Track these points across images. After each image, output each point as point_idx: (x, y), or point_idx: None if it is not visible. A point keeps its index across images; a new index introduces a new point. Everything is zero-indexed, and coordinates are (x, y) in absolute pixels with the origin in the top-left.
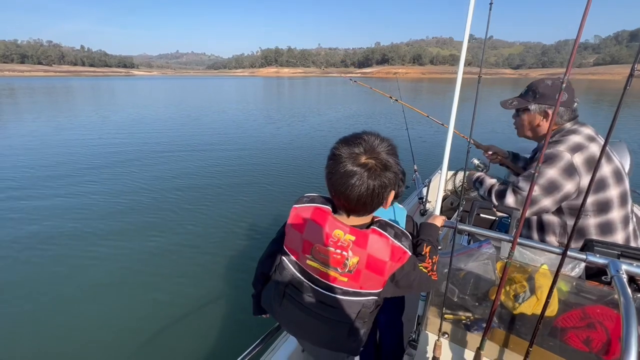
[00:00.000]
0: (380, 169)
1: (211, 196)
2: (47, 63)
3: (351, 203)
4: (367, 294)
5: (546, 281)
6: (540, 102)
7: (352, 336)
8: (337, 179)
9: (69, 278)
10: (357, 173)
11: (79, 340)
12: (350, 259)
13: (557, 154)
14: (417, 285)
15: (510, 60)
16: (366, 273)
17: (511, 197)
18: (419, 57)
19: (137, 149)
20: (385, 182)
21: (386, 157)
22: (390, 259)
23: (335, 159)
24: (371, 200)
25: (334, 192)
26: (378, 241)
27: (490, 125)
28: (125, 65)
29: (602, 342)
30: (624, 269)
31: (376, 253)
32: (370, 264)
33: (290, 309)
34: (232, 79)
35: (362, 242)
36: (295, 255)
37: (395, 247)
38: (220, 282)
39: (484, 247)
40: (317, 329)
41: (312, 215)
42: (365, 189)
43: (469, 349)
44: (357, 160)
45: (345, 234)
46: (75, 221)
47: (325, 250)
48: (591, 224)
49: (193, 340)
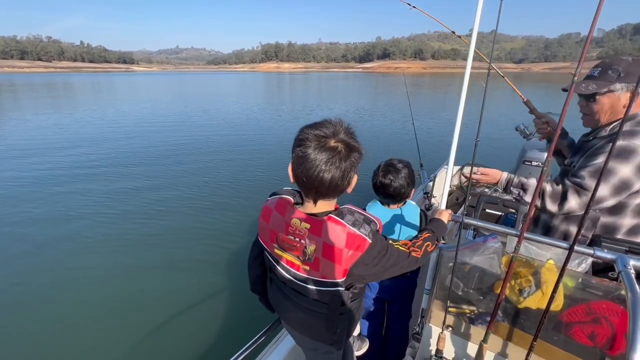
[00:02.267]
0: (348, 151)
1: (209, 191)
2: (46, 59)
3: (323, 186)
4: (330, 284)
5: (552, 276)
6: (627, 81)
7: (330, 328)
8: (309, 164)
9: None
10: (328, 156)
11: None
12: (309, 247)
13: (633, 148)
14: (391, 266)
15: (513, 54)
16: (324, 261)
17: (575, 199)
18: (420, 52)
19: (140, 147)
20: (353, 162)
21: (349, 139)
22: (346, 246)
23: (304, 144)
24: (342, 181)
25: (305, 178)
26: (334, 228)
27: (497, 120)
28: (125, 61)
29: (607, 337)
30: (632, 264)
31: (331, 241)
32: (326, 252)
33: (278, 298)
34: (233, 75)
35: (317, 230)
36: (267, 245)
37: (351, 235)
38: (219, 277)
39: (489, 242)
40: (297, 316)
41: (276, 206)
42: (336, 170)
43: (472, 342)
44: (327, 144)
45: (301, 223)
46: (68, 219)
47: (287, 239)
48: (624, 224)
49: (192, 335)
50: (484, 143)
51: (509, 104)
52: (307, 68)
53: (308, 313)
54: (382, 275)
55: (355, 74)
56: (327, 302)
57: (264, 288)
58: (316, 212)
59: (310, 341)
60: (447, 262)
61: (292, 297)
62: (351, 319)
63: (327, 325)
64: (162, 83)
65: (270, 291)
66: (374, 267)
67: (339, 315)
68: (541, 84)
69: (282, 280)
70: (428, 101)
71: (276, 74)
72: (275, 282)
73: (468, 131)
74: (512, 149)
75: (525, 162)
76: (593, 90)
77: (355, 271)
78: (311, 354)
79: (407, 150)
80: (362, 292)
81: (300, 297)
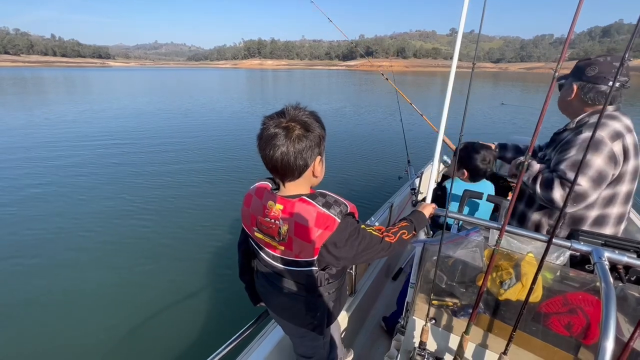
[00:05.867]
0: (300, 128)
1: (196, 189)
2: (14, 53)
3: (277, 164)
4: (305, 263)
5: (531, 268)
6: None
7: (310, 311)
8: (263, 143)
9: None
10: (278, 134)
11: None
12: (282, 227)
13: (600, 140)
14: (364, 250)
15: (491, 54)
16: (296, 240)
17: (559, 191)
18: (402, 50)
19: (126, 142)
20: (310, 143)
21: (306, 119)
22: (316, 225)
23: (262, 127)
24: (294, 159)
25: (263, 157)
26: (304, 208)
27: (477, 118)
28: (100, 56)
29: (582, 326)
30: (607, 256)
31: (301, 220)
32: (297, 231)
33: (264, 286)
34: (215, 71)
35: (290, 211)
36: (249, 230)
37: (321, 214)
38: (206, 273)
39: (472, 235)
40: (281, 301)
41: (256, 192)
42: (285, 147)
43: (454, 333)
44: (279, 124)
45: (276, 204)
46: (59, 217)
47: (264, 221)
48: (591, 215)
49: (178, 331)
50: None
51: (488, 103)
52: (291, 65)
53: (289, 297)
54: (355, 258)
55: (339, 71)
56: (304, 282)
57: (250, 277)
58: (288, 194)
59: (295, 328)
60: (431, 255)
61: (275, 280)
62: (330, 303)
63: (306, 308)
64: (140, 79)
65: (257, 281)
66: (345, 248)
67: (317, 297)
68: (517, 83)
69: (264, 264)
70: (414, 99)
71: (259, 71)
72: (261, 270)
73: (452, 127)
74: None
75: None
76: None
77: (326, 250)
78: (298, 342)
79: (395, 147)
80: (340, 275)
81: (280, 279)
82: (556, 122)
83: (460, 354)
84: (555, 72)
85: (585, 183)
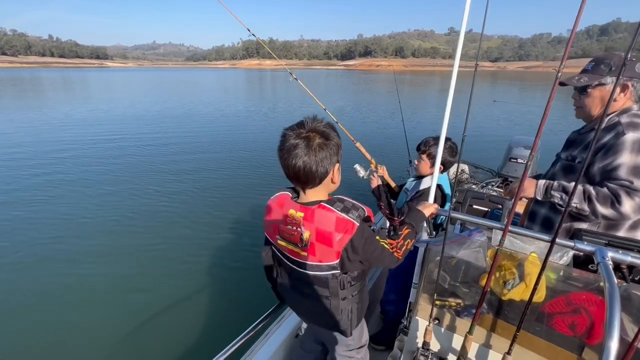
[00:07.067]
0: (319, 138)
1: (199, 192)
2: (12, 54)
3: (299, 172)
4: (327, 268)
5: (535, 268)
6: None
7: (335, 314)
8: (284, 154)
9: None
10: (299, 144)
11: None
12: (304, 234)
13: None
14: (376, 258)
15: (489, 53)
16: (319, 246)
17: (629, 202)
18: (401, 50)
19: (126, 142)
20: (330, 152)
21: (324, 129)
22: (336, 230)
23: (282, 138)
24: (316, 167)
25: (285, 167)
26: (324, 215)
27: (477, 117)
28: (98, 56)
29: (586, 326)
30: (610, 255)
31: (322, 226)
32: (319, 236)
33: (288, 292)
34: (213, 71)
35: (310, 217)
36: (272, 238)
37: (340, 219)
38: (210, 275)
39: (475, 235)
40: (307, 306)
41: (277, 201)
42: (307, 157)
43: (458, 334)
44: (299, 135)
45: (297, 212)
46: (60, 217)
47: (286, 229)
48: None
49: (185, 330)
50: (469, 140)
51: (486, 103)
52: (290, 65)
53: (314, 300)
54: (368, 261)
55: (337, 71)
56: (328, 286)
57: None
58: (308, 201)
59: (327, 332)
60: (434, 256)
61: (299, 286)
62: (354, 305)
63: (331, 311)
64: (141, 79)
65: (282, 289)
66: (361, 253)
67: (341, 300)
68: (515, 82)
69: (288, 272)
70: (415, 98)
71: (258, 71)
72: (284, 278)
73: (454, 127)
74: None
75: (512, 160)
76: (585, 83)
77: (346, 254)
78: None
79: (397, 147)
80: (361, 278)
81: (305, 285)
82: (556, 120)
83: (464, 354)
84: (558, 73)
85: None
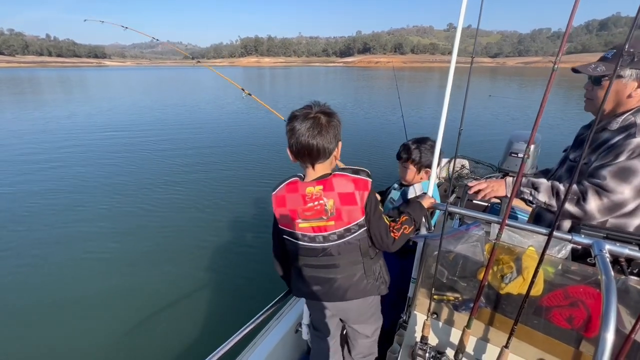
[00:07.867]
0: (327, 118)
1: (202, 187)
2: (9, 53)
3: (312, 149)
4: (357, 227)
5: (532, 262)
6: (637, 67)
7: (370, 275)
8: (298, 133)
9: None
10: (311, 124)
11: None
12: (328, 203)
13: None
14: (377, 220)
15: (488, 49)
16: (345, 208)
17: (595, 201)
18: (400, 46)
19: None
20: (334, 127)
21: (329, 110)
22: (356, 189)
23: (292, 120)
24: (328, 143)
25: (299, 146)
26: (341, 180)
27: (473, 113)
28: (96, 56)
29: (584, 319)
30: (608, 248)
31: (343, 189)
32: (343, 199)
33: (314, 280)
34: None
35: (329, 186)
36: (290, 227)
37: (356, 180)
38: (210, 270)
39: (473, 229)
40: (338, 285)
41: (287, 190)
42: (320, 134)
43: (456, 328)
44: (308, 115)
45: (315, 187)
46: (60, 215)
47: (308, 208)
48: (633, 224)
49: (184, 326)
50: (470, 136)
51: (481, 98)
52: (288, 62)
53: (347, 271)
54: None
55: (337, 68)
56: (359, 248)
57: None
58: (318, 176)
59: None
60: (432, 250)
61: (330, 267)
62: (382, 260)
63: (366, 273)
64: (141, 79)
65: (302, 283)
66: (373, 208)
67: (371, 259)
68: (515, 77)
69: (312, 256)
70: (414, 94)
71: (257, 69)
72: (307, 267)
73: (452, 122)
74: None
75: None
76: (601, 73)
77: (368, 207)
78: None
79: (397, 143)
80: None
81: (334, 258)
82: (553, 117)
83: (462, 348)
84: (554, 65)
85: (628, 192)
